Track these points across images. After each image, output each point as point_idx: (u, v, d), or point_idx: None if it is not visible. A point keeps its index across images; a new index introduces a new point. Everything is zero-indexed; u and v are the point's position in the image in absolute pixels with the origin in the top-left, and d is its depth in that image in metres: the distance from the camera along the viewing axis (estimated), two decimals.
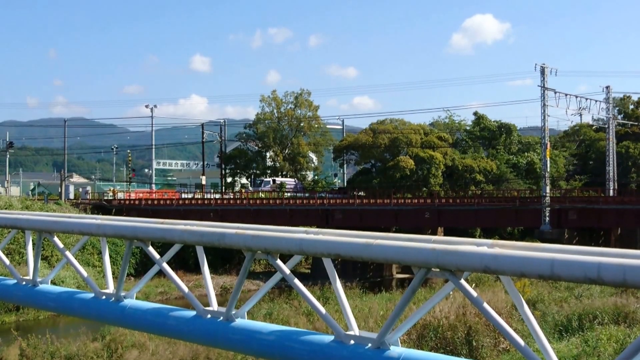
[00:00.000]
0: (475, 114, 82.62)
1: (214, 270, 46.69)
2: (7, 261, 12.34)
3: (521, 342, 6.39)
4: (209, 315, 8.83)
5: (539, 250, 6.16)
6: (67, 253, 10.99)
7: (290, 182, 78.74)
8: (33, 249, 11.91)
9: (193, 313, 9.05)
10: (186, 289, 9.34)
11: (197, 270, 44.16)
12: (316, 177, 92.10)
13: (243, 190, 77.05)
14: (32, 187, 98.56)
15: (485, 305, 6.46)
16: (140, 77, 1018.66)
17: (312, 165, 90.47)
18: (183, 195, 72.89)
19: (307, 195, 58.60)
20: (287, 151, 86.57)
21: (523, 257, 5.88)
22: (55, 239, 11.20)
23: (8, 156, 62.01)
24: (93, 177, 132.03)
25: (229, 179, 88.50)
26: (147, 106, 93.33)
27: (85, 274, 10.87)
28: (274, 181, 77.51)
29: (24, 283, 11.78)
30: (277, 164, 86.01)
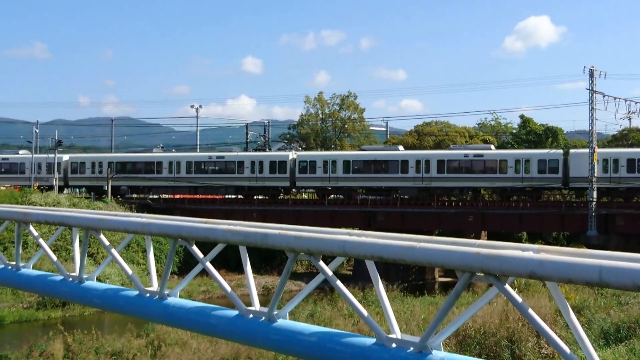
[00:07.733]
0: (521, 117, 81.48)
1: (255, 270, 46.91)
2: (55, 257, 12.59)
3: (567, 349, 6.29)
4: (251, 315, 8.87)
5: (586, 257, 6.05)
6: (113, 250, 11.16)
7: None
8: (80, 246, 12.12)
9: (235, 312, 9.10)
10: (229, 289, 9.40)
11: (238, 269, 44.38)
12: None
13: None
14: None
15: (531, 311, 6.37)
16: (190, 78, 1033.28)
17: None
18: (226, 195, 73.26)
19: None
20: None
21: (570, 263, 5.78)
22: (102, 236, 11.38)
23: (56, 154, 63.11)
24: None
25: None
26: (192, 106, 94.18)
27: (130, 271, 11.02)
28: None
29: (70, 279, 12.00)
30: None
